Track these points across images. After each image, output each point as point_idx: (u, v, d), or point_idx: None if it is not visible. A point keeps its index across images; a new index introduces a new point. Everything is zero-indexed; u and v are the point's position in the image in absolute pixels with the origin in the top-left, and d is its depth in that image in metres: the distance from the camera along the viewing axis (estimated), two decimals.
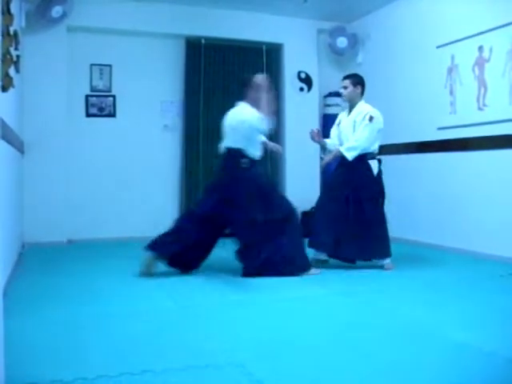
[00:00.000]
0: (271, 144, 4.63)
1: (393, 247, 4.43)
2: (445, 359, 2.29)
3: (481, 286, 3.80)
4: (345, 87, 4.47)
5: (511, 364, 2.25)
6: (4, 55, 3.34)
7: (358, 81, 4.47)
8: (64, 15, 5.55)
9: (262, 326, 2.82)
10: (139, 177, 6.24)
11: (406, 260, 4.88)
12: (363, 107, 4.41)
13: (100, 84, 6.14)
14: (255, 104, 4.19)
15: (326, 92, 6.88)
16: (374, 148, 4.41)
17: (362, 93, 4.48)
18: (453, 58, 5.18)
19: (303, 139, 6.66)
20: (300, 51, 6.77)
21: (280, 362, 2.27)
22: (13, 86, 3.75)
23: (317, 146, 6.86)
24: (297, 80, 6.76)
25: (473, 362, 2.27)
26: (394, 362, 2.26)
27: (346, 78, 4.55)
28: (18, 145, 4.68)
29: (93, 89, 6.11)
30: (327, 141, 4.64)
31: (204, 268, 4.35)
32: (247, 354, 2.35)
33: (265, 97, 4.18)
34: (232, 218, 4.12)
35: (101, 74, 6.12)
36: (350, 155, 4.33)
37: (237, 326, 2.81)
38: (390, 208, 6.01)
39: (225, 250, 4.66)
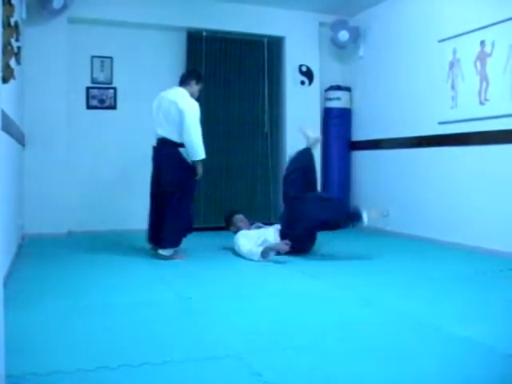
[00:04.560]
0: None
1: (393, 241, 4.44)
2: (444, 353, 2.29)
3: (481, 280, 3.80)
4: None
5: (511, 359, 2.26)
6: (5, 46, 3.33)
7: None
8: (65, 6, 5.53)
9: (262, 318, 2.83)
10: (140, 169, 6.21)
11: (406, 254, 4.89)
12: None
13: (101, 76, 6.12)
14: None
15: (328, 85, 6.87)
16: None
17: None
18: (454, 52, 5.16)
19: None
20: (301, 44, 6.74)
21: (279, 354, 2.27)
22: (13, 78, 3.75)
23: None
24: (298, 73, 6.74)
25: (473, 356, 2.28)
26: (392, 355, 2.27)
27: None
28: (18, 136, 4.67)
29: (93, 81, 6.10)
30: None
31: (205, 260, 4.36)
32: (246, 346, 2.36)
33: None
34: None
35: (102, 65, 6.11)
36: None
37: (236, 319, 2.82)
38: (390, 202, 6.05)
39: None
